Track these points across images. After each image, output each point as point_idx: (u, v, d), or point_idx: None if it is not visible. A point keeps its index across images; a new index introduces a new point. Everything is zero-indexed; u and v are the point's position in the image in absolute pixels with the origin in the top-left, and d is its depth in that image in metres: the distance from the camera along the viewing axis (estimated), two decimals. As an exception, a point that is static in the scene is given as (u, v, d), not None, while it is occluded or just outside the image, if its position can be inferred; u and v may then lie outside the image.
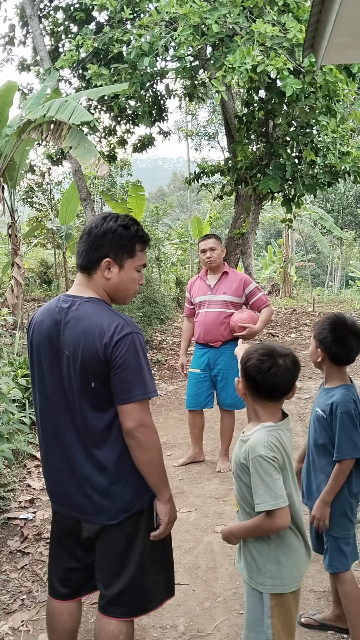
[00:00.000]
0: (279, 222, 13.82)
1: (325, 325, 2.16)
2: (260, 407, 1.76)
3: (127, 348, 1.68)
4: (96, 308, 1.75)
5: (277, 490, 1.64)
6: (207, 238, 4.13)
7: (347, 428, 2.09)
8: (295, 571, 1.75)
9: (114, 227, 1.78)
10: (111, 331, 1.68)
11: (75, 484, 1.77)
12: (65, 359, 1.73)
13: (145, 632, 2.43)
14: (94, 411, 1.72)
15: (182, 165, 57.79)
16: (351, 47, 3.33)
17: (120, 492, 1.75)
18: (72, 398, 1.74)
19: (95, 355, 1.67)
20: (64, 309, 1.76)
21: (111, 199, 13.24)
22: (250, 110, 8.40)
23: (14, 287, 8.22)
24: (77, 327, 1.71)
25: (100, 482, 1.75)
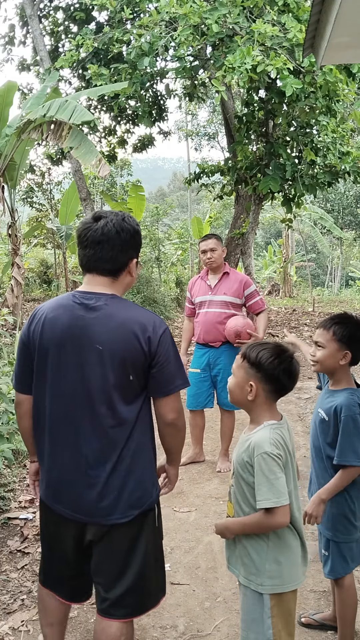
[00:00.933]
0: (279, 222, 13.82)
1: (353, 327, 2.08)
2: (268, 406, 1.77)
3: (169, 342, 1.77)
4: (125, 304, 1.78)
5: (280, 488, 1.65)
6: (208, 238, 4.13)
7: (349, 432, 2.05)
8: (294, 570, 1.75)
9: (136, 228, 1.82)
10: (152, 326, 1.74)
11: (87, 482, 1.74)
12: (96, 353, 1.71)
13: (145, 632, 2.43)
14: (124, 404, 1.73)
15: (182, 165, 57.79)
16: (351, 47, 3.32)
17: (132, 487, 1.76)
18: (100, 392, 1.72)
19: (137, 349, 1.71)
20: (86, 304, 1.75)
21: (111, 199, 13.24)
22: (250, 110, 8.40)
23: (14, 287, 8.22)
24: (110, 321, 1.72)
25: (115, 478, 1.74)
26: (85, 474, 1.74)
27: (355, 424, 2.05)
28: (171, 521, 3.43)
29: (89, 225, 1.79)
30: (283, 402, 5.95)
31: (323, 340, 2.11)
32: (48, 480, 1.83)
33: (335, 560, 2.17)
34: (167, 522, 3.42)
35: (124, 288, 1.85)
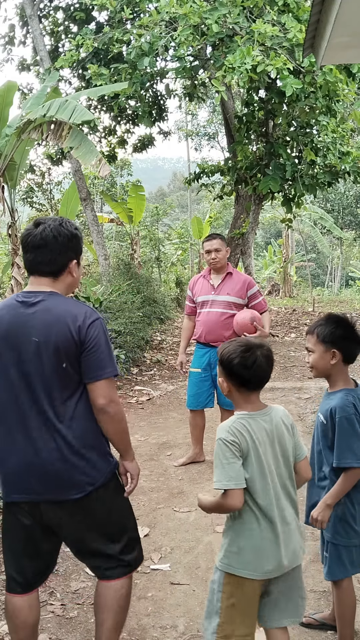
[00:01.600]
0: (279, 222, 13.82)
1: (332, 326, 2.11)
2: (242, 399, 1.87)
3: (98, 330, 1.89)
4: (62, 299, 1.93)
5: (230, 472, 1.75)
6: (212, 238, 4.11)
7: (345, 433, 2.05)
8: (255, 559, 1.78)
9: (73, 232, 1.97)
10: (82, 316, 1.88)
11: (45, 466, 1.87)
12: (34, 345, 1.86)
13: (145, 632, 2.43)
14: (62, 391, 1.87)
15: (182, 165, 57.77)
16: (351, 47, 3.32)
17: (87, 465, 1.90)
18: (39, 381, 1.87)
19: (69, 338, 1.85)
20: (27, 302, 1.91)
21: (111, 199, 13.24)
22: (250, 110, 8.40)
23: (14, 287, 8.21)
24: (47, 315, 1.87)
25: (65, 460, 1.87)
26: (38, 459, 1.87)
27: (351, 424, 2.04)
28: (171, 521, 3.44)
29: (30, 231, 1.95)
30: (283, 402, 5.95)
31: (311, 344, 2.16)
32: (3, 471, 1.94)
33: (333, 562, 2.16)
34: (167, 522, 3.43)
35: (66, 287, 2.00)
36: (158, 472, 4.21)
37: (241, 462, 1.77)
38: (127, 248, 14.49)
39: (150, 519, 3.48)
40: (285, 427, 1.87)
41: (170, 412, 5.88)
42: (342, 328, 2.11)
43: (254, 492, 1.78)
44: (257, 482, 1.78)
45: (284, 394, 6.30)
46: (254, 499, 1.78)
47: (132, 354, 7.57)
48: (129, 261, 11.32)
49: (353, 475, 2.05)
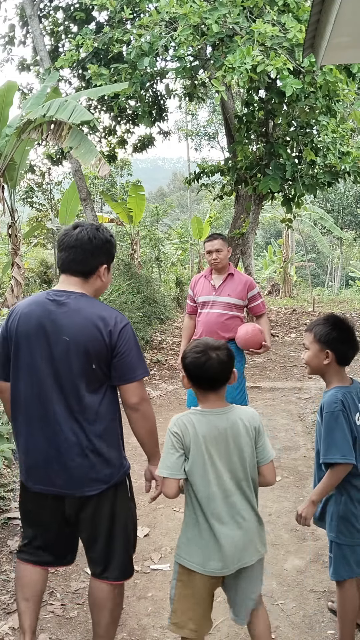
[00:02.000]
0: (279, 222, 13.82)
1: (329, 327, 2.13)
2: (199, 396, 1.94)
3: (129, 335, 1.97)
4: (91, 301, 2.00)
5: (167, 461, 1.85)
6: (214, 239, 4.08)
7: (329, 429, 2.06)
8: (198, 553, 1.85)
9: (108, 237, 2.06)
10: (113, 321, 1.95)
11: (63, 461, 1.94)
12: (64, 344, 1.92)
13: (145, 632, 2.43)
14: (88, 390, 1.94)
15: (182, 165, 57.77)
16: (351, 47, 3.32)
17: (100, 465, 1.97)
18: (66, 379, 1.93)
19: (100, 341, 1.91)
20: (57, 300, 1.97)
21: (111, 199, 13.24)
22: (250, 110, 8.40)
23: (14, 287, 8.22)
24: (76, 315, 1.93)
25: (84, 457, 1.94)
26: (58, 453, 1.94)
27: (336, 419, 2.05)
28: (171, 521, 3.44)
29: (67, 231, 2.05)
30: (283, 402, 5.95)
31: (307, 342, 2.19)
32: (26, 463, 2.02)
33: (337, 562, 2.16)
34: (167, 522, 3.43)
35: (95, 291, 2.08)
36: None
37: (181, 454, 1.85)
38: (127, 248, 14.48)
39: (150, 519, 3.48)
40: (245, 429, 1.89)
41: (170, 412, 5.88)
42: (339, 330, 2.12)
43: (193, 484, 1.86)
44: (197, 475, 1.84)
45: (284, 394, 6.30)
46: (194, 491, 1.86)
47: (132, 354, 7.57)
48: (129, 261, 11.33)
49: (338, 472, 2.05)
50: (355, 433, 2.08)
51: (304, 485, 3.86)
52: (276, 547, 3.08)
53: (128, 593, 2.71)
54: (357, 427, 2.10)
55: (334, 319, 2.17)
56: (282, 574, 2.83)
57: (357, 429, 2.09)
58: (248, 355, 8.19)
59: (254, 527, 1.91)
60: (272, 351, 8.81)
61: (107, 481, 1.99)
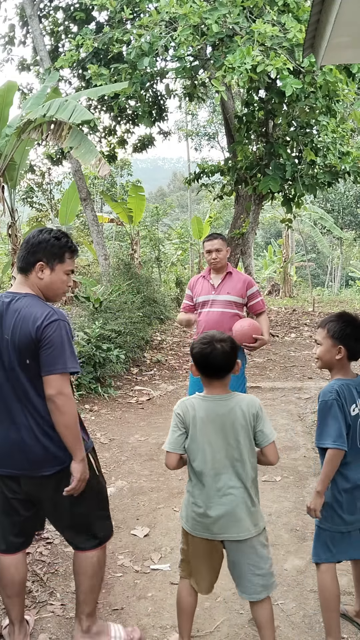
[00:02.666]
0: (279, 222, 13.82)
1: (342, 324, 2.21)
2: (204, 382, 2.15)
3: (54, 331, 2.06)
4: (32, 301, 2.14)
5: (170, 437, 2.13)
6: (213, 238, 4.09)
7: (322, 416, 2.16)
8: (191, 517, 2.12)
9: (47, 237, 2.20)
10: (43, 317, 2.07)
11: (22, 444, 2.12)
12: (5, 342, 2.10)
13: (145, 632, 2.43)
14: (31, 383, 2.10)
15: (182, 165, 57.76)
16: (351, 47, 3.33)
17: (54, 449, 2.12)
18: (12, 374, 2.11)
19: (29, 337, 2.06)
20: (5, 302, 2.15)
21: (111, 199, 13.24)
22: (250, 110, 8.40)
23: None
24: (15, 315, 2.10)
25: (39, 442, 2.11)
26: (17, 438, 2.12)
27: (329, 407, 2.14)
28: (171, 521, 3.44)
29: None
30: (283, 402, 5.95)
31: (320, 337, 2.28)
32: None
33: (317, 545, 2.24)
34: (167, 522, 3.43)
35: (36, 288, 2.20)
36: (158, 472, 4.21)
37: (182, 432, 2.11)
38: (127, 248, 14.48)
39: (150, 519, 3.48)
40: (242, 415, 2.07)
41: (170, 412, 5.87)
42: (352, 327, 2.21)
43: (192, 459, 2.11)
44: (194, 451, 2.10)
45: (284, 394, 6.30)
46: (192, 465, 2.12)
47: (132, 354, 7.57)
48: (129, 261, 11.32)
49: (331, 458, 2.12)
50: (349, 422, 2.15)
51: (304, 485, 3.86)
52: (276, 547, 3.08)
53: (128, 593, 2.71)
54: (352, 418, 2.16)
55: (347, 316, 2.25)
56: (282, 574, 2.83)
57: (352, 419, 2.16)
58: (248, 356, 8.19)
59: (241, 505, 2.07)
60: (272, 351, 8.80)
61: (62, 463, 2.13)
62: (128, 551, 3.11)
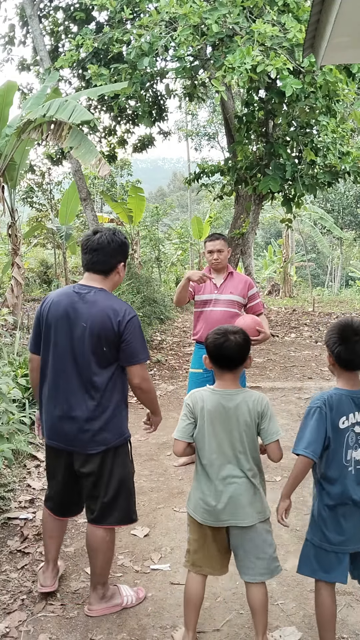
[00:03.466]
0: (279, 222, 13.82)
1: (332, 331, 2.13)
2: (217, 375, 2.22)
3: (134, 326, 2.36)
4: (107, 295, 2.42)
5: (179, 426, 2.22)
6: (215, 239, 4.09)
7: (303, 422, 2.09)
8: (198, 505, 2.20)
9: (123, 240, 2.49)
10: (122, 313, 2.35)
11: (75, 422, 2.38)
12: (81, 328, 2.35)
13: (145, 632, 2.43)
14: (98, 368, 2.36)
15: (182, 165, 57.75)
16: (351, 47, 3.33)
17: (105, 429, 2.39)
18: (81, 356, 2.36)
19: (110, 328, 2.32)
20: (81, 293, 2.41)
21: (111, 199, 13.25)
22: (250, 110, 8.40)
23: (14, 287, 8.21)
24: (93, 306, 2.35)
25: (92, 420, 2.37)
26: (70, 416, 2.38)
27: (312, 415, 2.05)
28: (171, 521, 3.44)
29: (89, 237, 2.47)
30: (283, 402, 5.95)
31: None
32: (46, 422, 2.48)
33: (302, 557, 2.20)
34: (167, 522, 3.43)
35: (113, 284, 2.51)
36: (158, 472, 4.21)
37: (190, 422, 2.20)
38: (127, 248, 14.44)
39: (150, 519, 3.48)
40: (248, 411, 2.15)
41: (170, 412, 5.88)
42: (339, 335, 2.10)
43: (199, 448, 2.21)
44: (200, 441, 2.20)
45: (284, 394, 6.30)
46: (199, 454, 2.22)
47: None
48: (129, 261, 11.33)
49: (298, 463, 2.07)
50: (329, 434, 2.05)
51: (304, 485, 3.84)
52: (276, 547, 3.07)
53: (128, 593, 2.71)
54: (340, 430, 2.05)
55: (338, 325, 2.14)
56: (282, 574, 2.83)
57: (339, 432, 2.05)
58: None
59: (244, 493, 2.15)
60: (272, 351, 8.81)
61: (107, 444, 2.40)
62: (128, 551, 3.11)
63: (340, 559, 2.10)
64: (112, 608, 2.55)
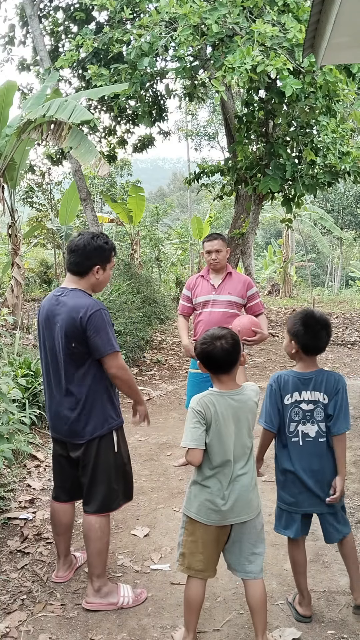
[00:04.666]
0: (279, 222, 13.82)
1: (297, 321, 2.41)
2: (214, 379, 2.24)
3: (97, 320, 2.46)
4: (78, 294, 2.55)
5: (190, 434, 2.16)
6: (213, 239, 4.06)
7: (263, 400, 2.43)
8: (203, 508, 2.20)
9: (100, 244, 2.58)
10: (85, 308, 2.46)
11: (62, 415, 2.58)
12: (57, 328, 2.53)
13: (145, 632, 2.43)
14: (74, 364, 2.52)
15: (182, 165, 57.77)
16: (351, 47, 3.33)
17: (91, 420, 2.55)
18: (59, 354, 2.54)
19: (75, 325, 2.46)
20: (57, 295, 2.59)
21: (111, 199, 13.24)
22: (250, 110, 8.39)
23: (14, 287, 8.22)
24: (64, 306, 2.51)
25: (78, 413, 2.54)
26: (63, 409, 2.58)
27: (267, 392, 2.42)
28: (171, 521, 3.44)
29: (72, 239, 2.62)
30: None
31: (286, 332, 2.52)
32: (48, 416, 2.70)
33: (275, 517, 2.54)
34: (167, 522, 3.43)
35: (90, 285, 2.62)
36: (158, 472, 4.21)
37: (204, 428, 2.16)
38: (127, 248, 14.48)
39: (150, 519, 3.48)
40: (252, 405, 2.23)
41: (170, 412, 5.89)
42: (303, 324, 2.38)
43: (211, 454, 2.18)
44: (214, 447, 2.17)
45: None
46: (210, 460, 2.19)
47: (132, 354, 7.57)
48: (129, 261, 11.32)
49: (262, 435, 2.45)
50: (279, 408, 2.40)
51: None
52: (276, 547, 3.08)
53: (128, 593, 2.71)
54: (284, 406, 2.40)
55: (303, 313, 2.43)
56: (282, 574, 2.83)
57: (284, 407, 2.40)
58: (248, 356, 8.18)
59: (250, 488, 2.22)
60: (272, 351, 8.81)
61: (91, 433, 2.54)
62: (128, 551, 3.11)
63: (294, 518, 2.44)
64: (107, 605, 2.57)
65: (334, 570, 2.84)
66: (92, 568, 2.59)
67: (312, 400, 2.39)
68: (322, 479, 2.38)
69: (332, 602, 2.59)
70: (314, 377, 2.39)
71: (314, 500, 2.39)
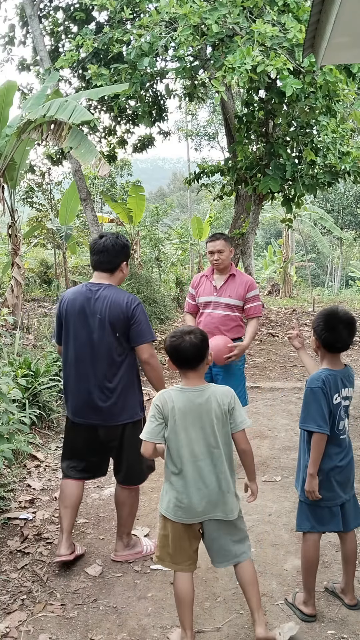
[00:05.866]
0: (279, 222, 13.82)
1: (320, 318, 2.44)
2: (182, 374, 2.27)
3: (140, 311, 2.82)
4: (115, 290, 2.88)
5: (148, 427, 2.22)
6: (216, 239, 4.03)
7: (307, 402, 2.38)
8: (171, 504, 2.24)
9: (124, 242, 2.95)
10: (129, 301, 2.81)
11: (97, 401, 2.83)
12: (97, 320, 2.79)
13: (145, 632, 2.43)
14: (114, 353, 2.80)
15: (182, 165, 57.78)
16: (351, 47, 3.33)
17: (124, 405, 2.85)
18: (99, 344, 2.80)
19: (121, 316, 2.78)
20: (93, 290, 2.86)
21: (111, 199, 13.24)
22: (250, 110, 8.40)
23: (14, 287, 8.21)
24: (105, 300, 2.81)
25: (113, 398, 2.82)
26: (95, 395, 2.83)
27: (314, 394, 2.36)
28: (171, 521, 3.43)
29: (96, 241, 2.94)
30: (283, 403, 5.95)
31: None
32: (72, 403, 2.93)
33: (299, 517, 2.50)
34: (167, 522, 3.42)
35: (119, 280, 2.97)
36: (158, 472, 4.18)
37: (160, 422, 2.21)
38: (127, 248, 14.39)
39: (150, 519, 3.48)
40: (217, 404, 2.21)
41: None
42: (325, 322, 2.41)
43: (170, 448, 2.23)
44: (172, 441, 2.22)
45: (284, 394, 6.30)
46: (170, 455, 2.23)
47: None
48: (129, 261, 11.32)
49: (316, 441, 2.34)
50: (331, 409, 2.36)
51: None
52: (276, 547, 3.08)
53: (128, 593, 2.72)
54: (334, 405, 2.37)
55: (325, 312, 2.45)
56: (282, 574, 2.83)
57: (334, 407, 2.37)
58: (248, 356, 8.18)
59: (215, 492, 2.22)
60: (272, 351, 8.81)
61: (125, 419, 2.85)
62: (128, 551, 3.11)
63: (334, 512, 2.44)
64: (135, 555, 3.00)
65: (334, 570, 2.84)
66: (124, 528, 2.99)
67: (348, 397, 2.46)
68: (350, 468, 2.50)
69: (332, 602, 2.59)
70: (347, 374, 2.47)
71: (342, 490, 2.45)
